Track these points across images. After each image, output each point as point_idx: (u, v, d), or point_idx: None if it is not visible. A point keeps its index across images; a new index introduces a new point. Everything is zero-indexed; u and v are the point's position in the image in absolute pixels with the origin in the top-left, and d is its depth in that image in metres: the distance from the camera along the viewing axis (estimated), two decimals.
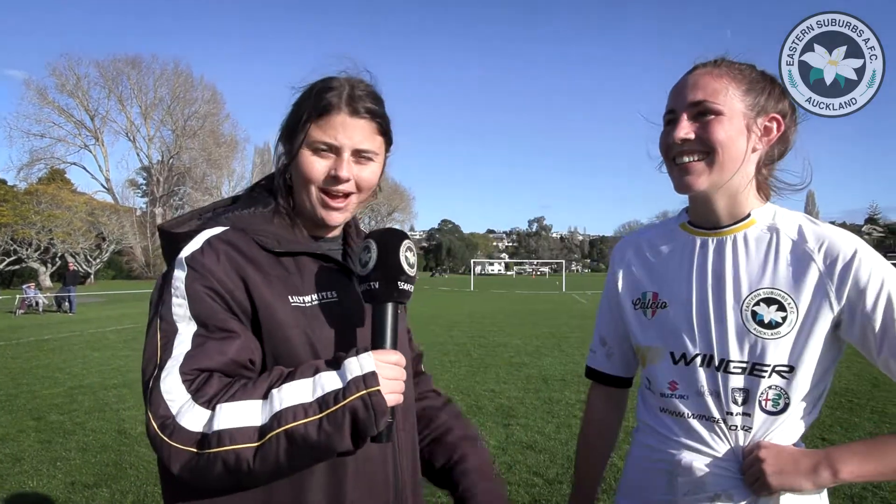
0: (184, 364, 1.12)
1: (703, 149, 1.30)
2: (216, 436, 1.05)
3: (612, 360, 1.59)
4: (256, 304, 1.21)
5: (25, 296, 24.15)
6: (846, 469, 1.20)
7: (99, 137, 58.35)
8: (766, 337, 1.27)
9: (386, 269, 1.22)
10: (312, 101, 1.31)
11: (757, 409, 1.28)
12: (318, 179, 1.32)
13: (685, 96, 1.32)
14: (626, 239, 1.60)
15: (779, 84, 1.37)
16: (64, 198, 43.92)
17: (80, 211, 44.44)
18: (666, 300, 1.40)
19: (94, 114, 57.53)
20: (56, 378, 9.19)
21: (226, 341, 1.16)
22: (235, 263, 1.22)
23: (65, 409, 7.24)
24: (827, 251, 1.27)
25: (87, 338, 14.40)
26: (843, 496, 4.34)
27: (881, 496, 4.36)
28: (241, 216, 1.33)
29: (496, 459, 5.26)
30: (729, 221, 1.37)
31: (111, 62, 57.22)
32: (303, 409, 1.08)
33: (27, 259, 42.72)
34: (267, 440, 1.06)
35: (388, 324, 1.22)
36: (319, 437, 1.07)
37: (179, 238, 1.29)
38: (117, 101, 58.59)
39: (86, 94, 56.38)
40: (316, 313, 1.27)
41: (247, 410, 1.08)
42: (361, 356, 1.14)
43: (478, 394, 7.85)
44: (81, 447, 5.73)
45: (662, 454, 1.38)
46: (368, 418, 1.09)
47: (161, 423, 1.07)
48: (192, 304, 1.17)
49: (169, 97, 60.01)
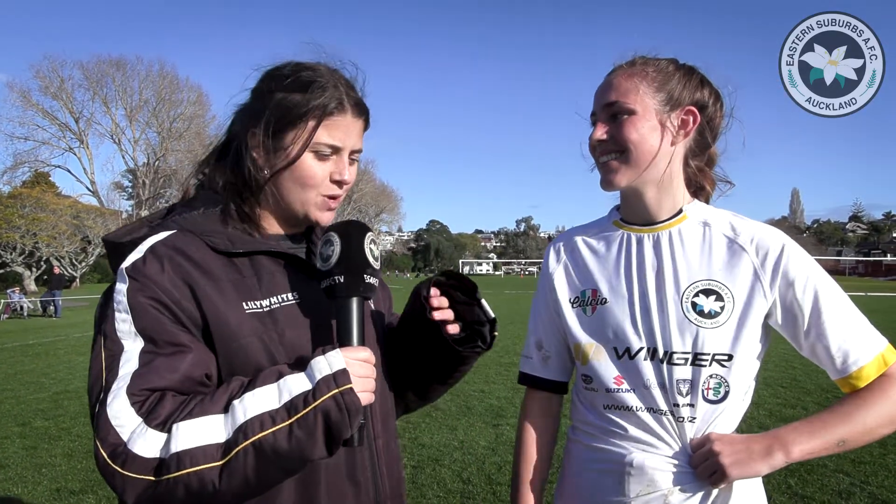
0: (131, 385, 1.03)
1: (618, 148, 1.36)
2: (175, 459, 0.97)
3: (549, 364, 1.56)
4: (206, 313, 1.12)
5: (10, 300, 23.89)
6: (796, 448, 1.24)
7: (84, 140, 57.73)
8: (705, 326, 1.31)
9: (350, 262, 1.18)
10: (315, 99, 1.23)
11: (700, 398, 1.31)
12: (321, 184, 1.26)
13: (601, 98, 1.39)
14: (558, 239, 1.61)
15: (697, 74, 1.40)
16: (48, 201, 43.39)
17: (65, 214, 43.93)
18: (606, 296, 1.41)
19: (79, 116, 56.89)
20: (41, 383, 9.08)
21: (176, 356, 1.07)
22: (181, 270, 1.13)
23: (50, 414, 7.15)
24: (758, 245, 1.34)
25: (73, 342, 14.26)
26: (831, 492, 4.37)
27: (869, 490, 4.39)
28: (191, 217, 1.24)
29: (486, 460, 5.26)
30: (662, 217, 1.41)
31: (95, 64, 56.64)
32: (269, 417, 1.01)
33: (11, 263, 42.21)
34: (233, 456, 0.98)
35: (353, 319, 1.17)
36: (290, 445, 1.01)
37: (126, 249, 1.18)
38: (102, 104, 57.97)
39: (70, 96, 55.78)
40: (275, 318, 1.18)
41: (207, 427, 1.00)
42: (329, 354, 1.09)
43: (467, 394, 7.83)
44: (67, 453, 5.66)
45: (610, 454, 1.37)
46: (342, 419, 1.04)
47: (111, 452, 0.99)
48: (136, 318, 1.08)
49: (154, 99, 59.48)
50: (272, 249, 1.25)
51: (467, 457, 5.37)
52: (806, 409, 6.82)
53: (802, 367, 9.03)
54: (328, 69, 1.29)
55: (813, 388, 7.92)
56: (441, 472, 5.00)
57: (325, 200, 1.28)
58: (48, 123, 55.81)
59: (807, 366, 9.11)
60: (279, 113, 1.23)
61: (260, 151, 1.26)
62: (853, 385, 1.29)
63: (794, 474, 4.65)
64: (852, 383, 1.29)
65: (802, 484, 4.49)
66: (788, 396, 7.43)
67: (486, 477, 4.87)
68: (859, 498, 4.29)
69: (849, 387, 1.30)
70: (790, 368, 8.98)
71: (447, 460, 5.28)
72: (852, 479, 4.59)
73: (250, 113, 1.27)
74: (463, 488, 4.65)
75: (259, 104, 1.26)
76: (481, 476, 4.89)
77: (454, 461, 5.26)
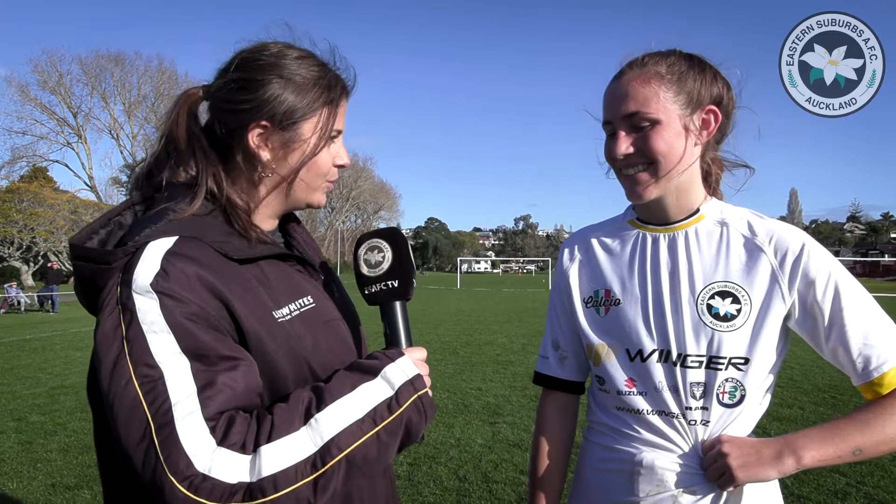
0: (204, 409, 0.95)
1: (646, 160, 1.30)
2: (270, 481, 0.93)
3: (566, 364, 1.53)
4: (243, 326, 1.05)
5: (7, 295, 23.88)
6: (808, 455, 1.21)
7: (82, 135, 57.74)
8: (721, 330, 1.28)
9: (404, 267, 1.22)
10: (323, 87, 1.18)
11: (714, 402, 1.28)
12: (329, 171, 1.24)
13: (618, 108, 1.30)
14: (573, 237, 1.58)
15: (708, 66, 1.34)
16: (46, 196, 43.36)
17: (62, 209, 43.86)
18: (619, 297, 1.39)
19: (77, 111, 56.91)
20: (38, 378, 9.06)
21: (234, 371, 1.00)
22: (208, 283, 1.04)
23: (46, 409, 7.14)
24: (777, 245, 1.30)
25: (70, 337, 14.23)
26: (827, 492, 4.37)
27: (865, 491, 4.40)
28: (187, 221, 1.11)
29: (483, 458, 5.26)
30: (678, 217, 1.38)
31: (94, 59, 56.65)
32: (358, 427, 1.00)
33: (9, 258, 42.19)
34: (327, 469, 0.97)
35: (402, 321, 1.21)
36: (378, 453, 1.02)
37: (114, 257, 1.05)
38: (100, 99, 57.97)
39: (68, 91, 55.75)
40: (299, 326, 1.14)
41: (294, 445, 0.97)
42: (399, 360, 1.10)
43: (464, 392, 7.84)
44: (63, 448, 5.65)
45: (621, 454, 1.36)
46: (420, 421, 1.07)
47: (189, 484, 0.90)
48: (180, 338, 0.98)
49: (153, 94, 59.45)
50: (277, 252, 1.19)
51: (464, 454, 5.37)
52: (803, 409, 6.83)
53: (800, 367, 9.05)
54: (311, 53, 1.22)
55: (810, 388, 7.93)
56: (437, 469, 4.99)
57: (328, 185, 1.27)
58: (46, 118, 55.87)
59: (805, 366, 9.13)
60: (291, 105, 1.15)
61: (267, 146, 1.17)
62: (876, 392, 1.23)
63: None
64: (875, 390, 1.23)
65: (799, 484, 4.49)
66: (785, 396, 7.43)
67: (483, 475, 4.87)
68: (855, 498, 4.29)
69: (872, 393, 1.24)
70: (787, 368, 8.99)
71: (444, 458, 5.27)
72: (848, 480, 4.59)
73: (243, 104, 1.14)
74: (459, 486, 4.65)
75: (253, 95, 1.14)
76: (478, 474, 4.89)
77: (451, 459, 5.25)
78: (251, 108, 1.14)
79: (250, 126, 1.15)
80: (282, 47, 1.19)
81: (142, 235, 1.06)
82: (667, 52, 1.33)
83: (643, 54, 1.33)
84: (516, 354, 11.02)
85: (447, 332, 14.67)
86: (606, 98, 1.34)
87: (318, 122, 1.18)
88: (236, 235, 1.15)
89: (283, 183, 1.21)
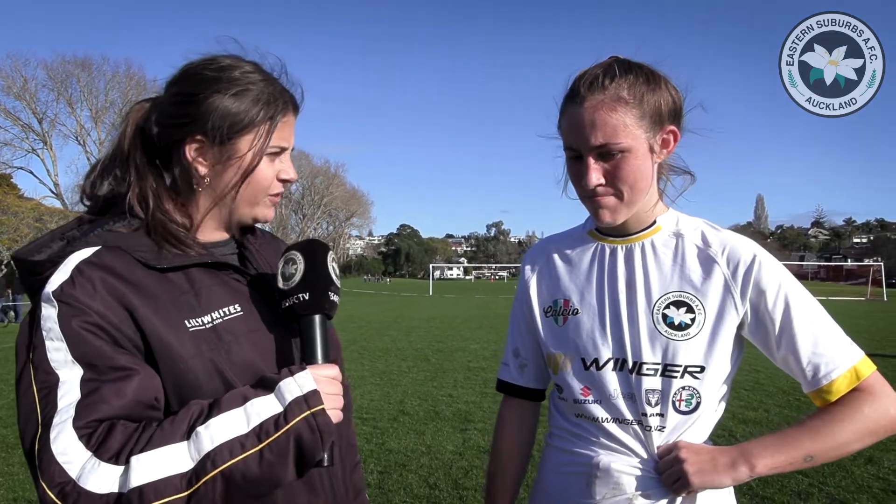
0: (77, 416, 0.95)
1: (615, 189, 1.30)
2: (137, 493, 0.91)
3: (526, 372, 1.56)
4: (147, 335, 1.05)
5: None
6: (761, 463, 1.23)
7: (47, 141, 56.49)
8: (676, 339, 1.30)
9: (317, 280, 1.18)
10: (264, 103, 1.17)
11: (671, 409, 1.30)
12: (271, 185, 1.23)
13: (587, 138, 1.26)
14: (535, 248, 1.60)
15: (661, 78, 1.32)
16: (10, 203, 42.21)
17: (27, 217, 42.85)
18: (578, 307, 1.41)
19: (42, 117, 55.67)
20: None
21: (122, 381, 1.00)
22: (115, 291, 1.04)
23: (8, 421, 6.96)
24: (730, 256, 1.33)
25: None
26: (790, 493, 4.45)
27: (826, 491, 4.49)
28: (115, 231, 1.13)
29: (453, 465, 5.26)
30: (636, 229, 1.40)
31: (60, 63, 55.45)
32: (239, 443, 0.96)
33: None
34: (201, 485, 0.94)
35: (318, 337, 1.16)
36: (261, 471, 0.97)
37: (42, 268, 1.08)
38: (66, 104, 56.83)
39: (33, 96, 54.50)
40: (219, 334, 1.12)
41: (170, 457, 0.94)
42: (298, 374, 1.05)
43: (435, 399, 7.84)
44: (24, 462, 5.47)
45: (580, 457, 1.38)
46: (315, 441, 1.01)
47: (59, 492, 0.91)
48: (71, 345, 0.99)
49: (121, 100, 58.35)
50: (206, 261, 1.18)
51: (434, 462, 5.36)
52: (767, 412, 6.95)
53: (766, 370, 9.18)
54: (258, 67, 1.22)
55: (774, 390, 8.06)
56: (408, 477, 4.98)
57: (272, 199, 1.26)
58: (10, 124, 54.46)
59: (770, 369, 9.26)
60: (228, 119, 1.15)
61: (203, 160, 1.18)
62: (825, 399, 1.26)
63: None
64: (824, 397, 1.26)
65: (763, 485, 4.56)
66: (751, 399, 7.56)
67: (454, 482, 4.87)
68: (817, 499, 4.38)
69: (821, 400, 1.27)
70: (754, 372, 9.13)
71: (414, 465, 5.26)
72: (811, 480, 4.68)
73: (181, 119, 1.16)
74: (430, 493, 4.64)
75: (191, 109, 1.15)
76: (448, 481, 4.89)
77: (421, 466, 5.24)
78: (188, 122, 1.15)
79: (186, 140, 1.17)
80: (228, 62, 1.19)
81: (74, 247, 1.10)
82: (621, 67, 1.29)
83: (597, 71, 1.28)
84: (488, 361, 11.04)
85: (419, 339, 14.67)
86: (570, 124, 1.30)
87: (255, 139, 1.18)
88: (170, 244, 1.16)
89: (223, 197, 1.21)
